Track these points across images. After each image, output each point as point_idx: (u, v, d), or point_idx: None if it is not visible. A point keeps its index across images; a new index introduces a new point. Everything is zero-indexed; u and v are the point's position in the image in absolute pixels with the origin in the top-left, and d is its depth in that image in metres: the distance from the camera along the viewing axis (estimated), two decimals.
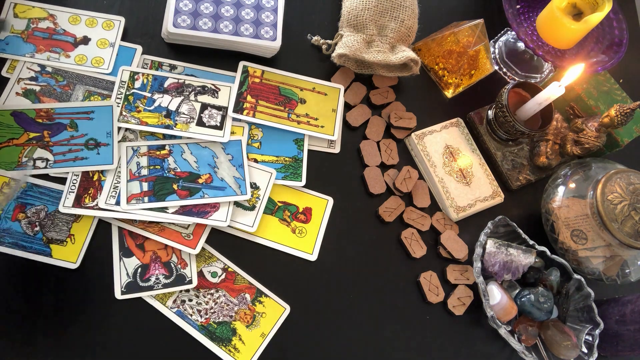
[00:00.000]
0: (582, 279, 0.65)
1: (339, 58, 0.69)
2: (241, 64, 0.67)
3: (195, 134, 0.61)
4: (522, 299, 0.63)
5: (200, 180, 0.58)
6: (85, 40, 0.63)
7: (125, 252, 0.56)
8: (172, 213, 0.56)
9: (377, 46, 0.69)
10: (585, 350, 0.63)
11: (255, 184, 0.62)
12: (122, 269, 0.55)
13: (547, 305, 0.62)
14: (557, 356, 0.62)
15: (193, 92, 0.63)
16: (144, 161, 0.58)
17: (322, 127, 0.66)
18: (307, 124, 0.66)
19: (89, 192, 0.56)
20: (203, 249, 0.58)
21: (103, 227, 0.56)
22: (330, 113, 0.67)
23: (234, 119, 0.64)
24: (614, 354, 0.65)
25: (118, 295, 0.54)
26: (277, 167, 0.63)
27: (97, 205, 0.55)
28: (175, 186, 0.57)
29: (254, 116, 0.64)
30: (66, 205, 0.55)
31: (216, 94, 0.64)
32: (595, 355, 0.62)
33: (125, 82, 0.62)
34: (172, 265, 0.56)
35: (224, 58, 0.67)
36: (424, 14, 0.75)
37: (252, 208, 0.61)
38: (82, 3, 0.65)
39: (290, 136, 0.66)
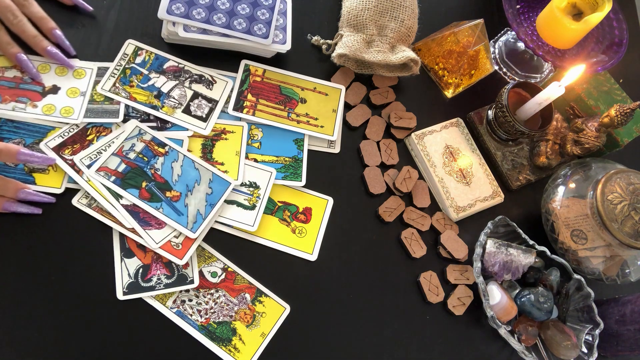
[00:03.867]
0: (582, 279, 0.66)
1: (339, 58, 0.69)
2: (243, 62, 0.67)
3: (177, 120, 0.61)
4: (522, 299, 0.64)
5: (167, 194, 0.57)
6: (55, 90, 0.58)
7: (127, 253, 0.56)
8: (121, 204, 0.56)
9: (377, 46, 0.69)
10: (585, 350, 0.64)
11: (255, 183, 0.62)
12: (124, 270, 0.55)
13: (547, 305, 0.62)
14: (557, 356, 0.62)
15: (189, 79, 0.63)
16: (139, 147, 0.58)
17: (321, 127, 0.66)
18: (307, 124, 0.66)
19: (75, 146, 0.56)
20: (203, 249, 0.58)
21: (104, 228, 0.56)
22: (330, 113, 0.67)
23: (234, 117, 0.64)
24: (614, 354, 0.66)
25: (119, 295, 0.54)
26: (277, 167, 0.63)
27: (72, 161, 0.56)
28: (144, 184, 0.57)
29: (254, 114, 0.64)
30: (49, 144, 0.55)
31: (211, 86, 0.64)
32: (595, 355, 0.62)
33: (128, 55, 0.62)
34: (174, 266, 0.56)
35: (224, 58, 0.67)
36: (424, 14, 0.75)
37: (253, 208, 0.61)
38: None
39: (290, 136, 0.66)
